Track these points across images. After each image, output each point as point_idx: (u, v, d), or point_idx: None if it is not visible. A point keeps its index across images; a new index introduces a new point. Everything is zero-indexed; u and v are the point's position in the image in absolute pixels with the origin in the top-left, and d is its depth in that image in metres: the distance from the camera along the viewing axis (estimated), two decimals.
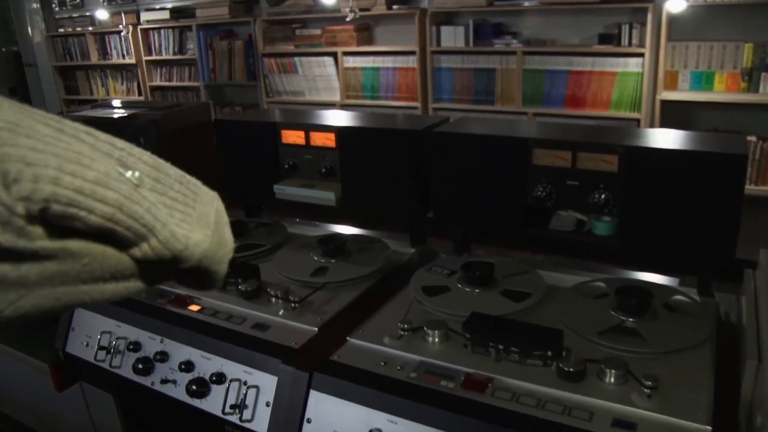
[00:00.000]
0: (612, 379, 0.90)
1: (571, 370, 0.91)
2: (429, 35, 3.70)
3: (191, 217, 0.27)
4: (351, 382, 0.95)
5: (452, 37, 3.68)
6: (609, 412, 0.85)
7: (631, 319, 1.05)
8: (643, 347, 0.98)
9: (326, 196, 1.47)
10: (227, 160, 1.59)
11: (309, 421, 1.00)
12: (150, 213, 0.25)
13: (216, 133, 1.58)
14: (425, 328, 1.04)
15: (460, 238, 1.38)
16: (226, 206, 0.36)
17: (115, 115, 1.60)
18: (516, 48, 3.53)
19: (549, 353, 0.95)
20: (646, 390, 0.86)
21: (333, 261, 1.36)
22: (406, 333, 1.05)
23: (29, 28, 5.57)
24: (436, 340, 1.03)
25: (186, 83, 4.82)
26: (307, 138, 1.48)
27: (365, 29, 4.05)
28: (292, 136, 1.50)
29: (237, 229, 1.60)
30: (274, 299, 1.21)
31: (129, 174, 0.25)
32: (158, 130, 1.56)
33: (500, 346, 0.97)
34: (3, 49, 5.64)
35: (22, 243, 0.21)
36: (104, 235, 0.24)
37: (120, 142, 0.27)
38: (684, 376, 0.91)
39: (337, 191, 1.44)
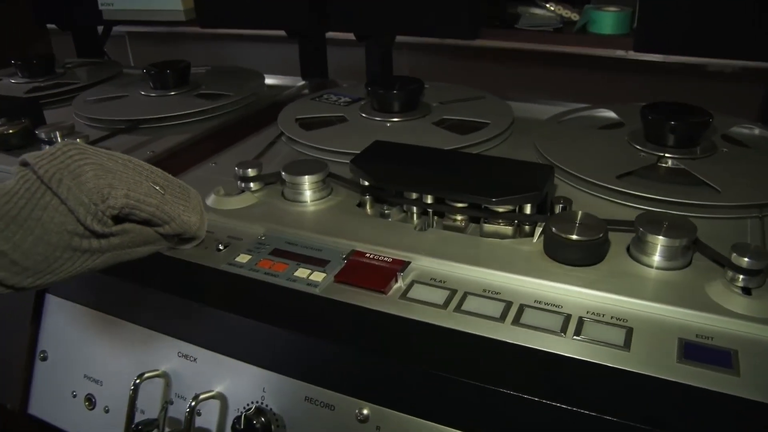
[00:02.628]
0: (661, 258, 0.42)
1: (574, 238, 0.42)
2: None
3: (188, 208, 0.42)
4: (121, 279, 0.44)
5: None
6: (661, 327, 0.37)
7: (671, 155, 0.56)
8: (710, 198, 0.50)
9: (169, 5, 0.92)
10: None
11: (44, 357, 0.50)
12: (172, 209, 0.40)
13: None
14: (284, 174, 0.53)
15: (375, 55, 0.85)
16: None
17: None
18: None
19: (527, 208, 0.46)
20: (737, 281, 0.39)
21: (171, 94, 0.83)
22: (250, 185, 0.54)
23: None
24: (306, 195, 0.52)
25: None
26: None
27: None
28: None
29: (41, 66, 1.04)
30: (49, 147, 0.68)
31: (158, 188, 0.40)
32: None
33: (427, 199, 0.48)
34: None
35: (106, 229, 0.36)
36: (143, 221, 0.39)
37: (146, 165, 0.41)
38: None
39: None
